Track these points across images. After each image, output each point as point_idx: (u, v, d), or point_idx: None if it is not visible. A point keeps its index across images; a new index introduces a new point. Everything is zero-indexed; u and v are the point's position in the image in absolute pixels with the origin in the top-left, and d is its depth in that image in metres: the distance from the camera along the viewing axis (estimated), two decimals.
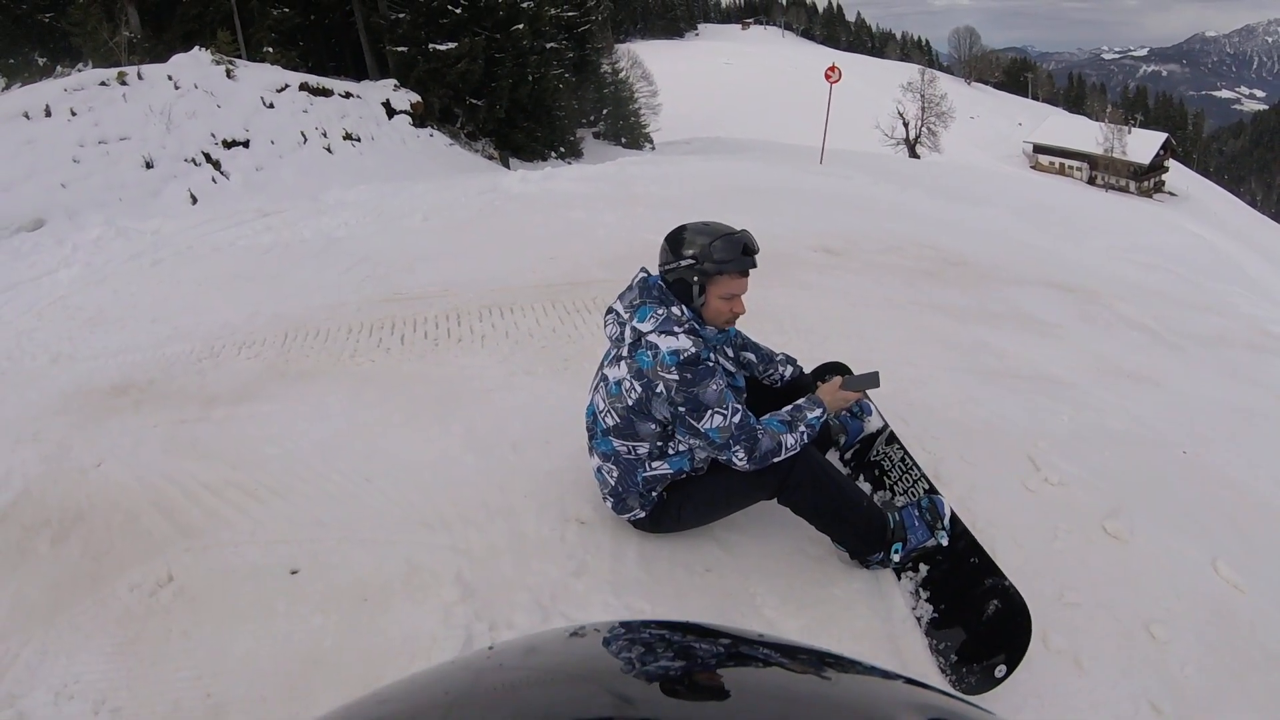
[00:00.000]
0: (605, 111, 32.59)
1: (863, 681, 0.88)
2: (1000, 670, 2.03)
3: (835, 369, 3.00)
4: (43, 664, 2.14)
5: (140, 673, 2.11)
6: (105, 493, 2.88)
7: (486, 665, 0.89)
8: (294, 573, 2.43)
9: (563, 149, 23.11)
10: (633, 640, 0.91)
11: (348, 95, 15.64)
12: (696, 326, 2.28)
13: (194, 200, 10.36)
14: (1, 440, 3.31)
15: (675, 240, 2.28)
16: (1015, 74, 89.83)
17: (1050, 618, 2.25)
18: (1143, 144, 53.29)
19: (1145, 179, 51.46)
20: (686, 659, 0.87)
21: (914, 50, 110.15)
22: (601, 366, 2.44)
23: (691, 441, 2.30)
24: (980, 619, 2.17)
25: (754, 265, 2.28)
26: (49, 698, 2.03)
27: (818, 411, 2.33)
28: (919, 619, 2.29)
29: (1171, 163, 55.12)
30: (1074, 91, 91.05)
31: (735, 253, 2.23)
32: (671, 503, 2.42)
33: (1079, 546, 2.60)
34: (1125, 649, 2.22)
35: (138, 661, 2.14)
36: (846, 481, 2.38)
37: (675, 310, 2.26)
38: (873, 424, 2.89)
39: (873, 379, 2.51)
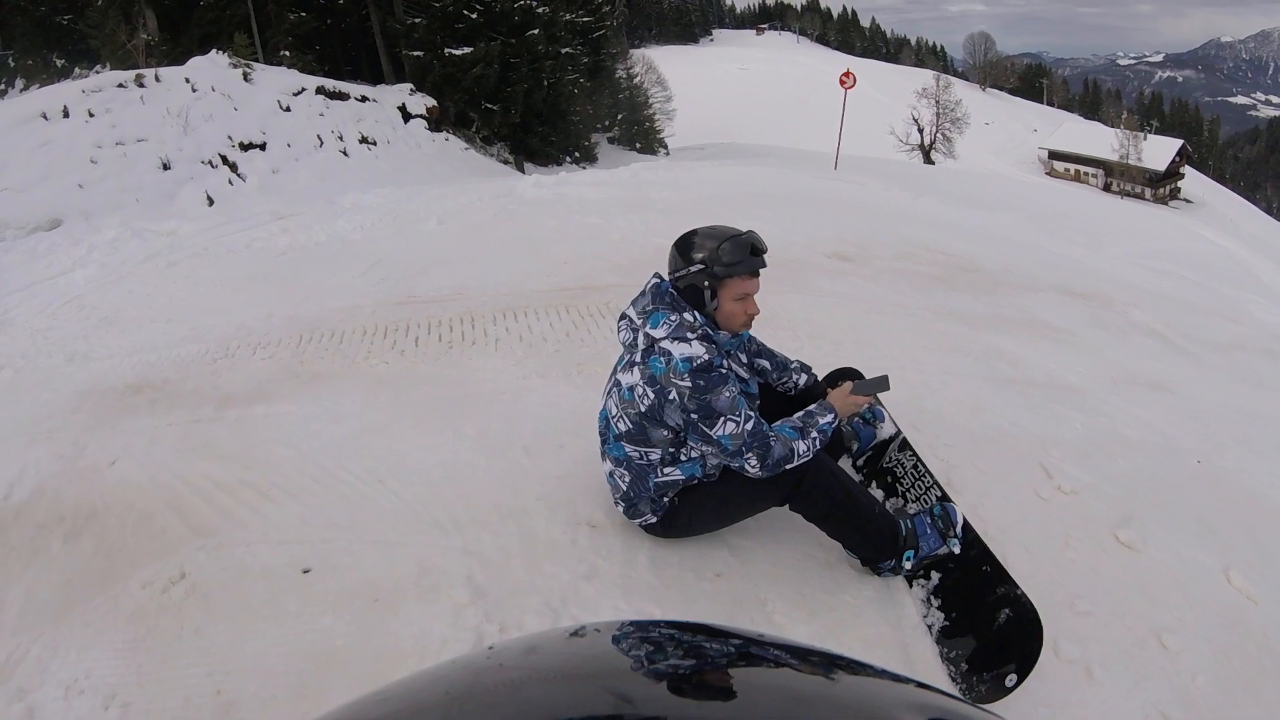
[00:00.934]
0: (620, 116, 32.61)
1: (872, 684, 0.87)
2: (1011, 679, 2.02)
3: (847, 375, 2.98)
4: (54, 659, 2.16)
5: (151, 669, 2.12)
6: (119, 491, 2.90)
7: (487, 664, 0.89)
8: (306, 572, 2.44)
9: (577, 154, 23.15)
10: (634, 639, 0.91)
11: (364, 99, 15.70)
12: (710, 332, 2.27)
13: (210, 202, 10.41)
14: (16, 438, 3.35)
15: (683, 246, 2.28)
16: (1030, 80, 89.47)
17: (1061, 626, 2.24)
18: (1158, 150, 52.82)
19: (1161, 185, 51.00)
20: (688, 658, 0.87)
21: (928, 56, 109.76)
22: (614, 372, 2.44)
23: (703, 448, 2.29)
24: (991, 627, 2.16)
25: (763, 265, 2.28)
26: (59, 693, 2.06)
27: (829, 417, 2.33)
28: (930, 627, 2.28)
29: (1187, 169, 54.60)
30: (1089, 97, 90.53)
31: (744, 254, 2.23)
32: (683, 508, 2.42)
33: (1091, 555, 2.59)
34: (1137, 658, 2.20)
35: (149, 658, 2.16)
36: (858, 488, 2.37)
37: (688, 316, 2.26)
38: (885, 431, 2.89)
39: (883, 382, 2.51)
